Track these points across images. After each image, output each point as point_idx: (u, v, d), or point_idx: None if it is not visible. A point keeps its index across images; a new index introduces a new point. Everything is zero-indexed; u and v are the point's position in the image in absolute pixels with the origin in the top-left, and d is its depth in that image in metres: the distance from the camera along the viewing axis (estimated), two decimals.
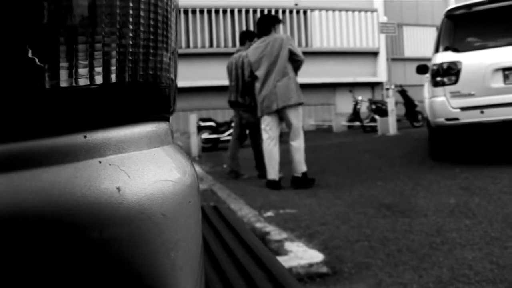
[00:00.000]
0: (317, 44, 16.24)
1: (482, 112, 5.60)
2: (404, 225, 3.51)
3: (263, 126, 5.60)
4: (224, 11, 15.34)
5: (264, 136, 5.61)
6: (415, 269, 2.63)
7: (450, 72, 5.75)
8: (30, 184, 0.44)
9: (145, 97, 0.55)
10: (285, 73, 5.41)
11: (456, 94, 5.72)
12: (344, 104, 16.38)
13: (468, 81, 5.67)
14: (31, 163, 0.45)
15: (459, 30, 5.94)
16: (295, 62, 5.54)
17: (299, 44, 16.03)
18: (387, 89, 13.60)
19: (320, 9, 16.08)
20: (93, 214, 0.46)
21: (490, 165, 5.70)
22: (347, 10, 16.32)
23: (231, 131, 11.24)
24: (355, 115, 14.23)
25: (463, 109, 5.68)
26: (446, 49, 5.93)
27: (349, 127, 14.46)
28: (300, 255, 2.81)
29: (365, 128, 13.20)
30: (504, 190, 4.32)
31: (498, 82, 5.62)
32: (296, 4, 15.94)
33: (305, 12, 16.12)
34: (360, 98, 14.02)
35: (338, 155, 8.31)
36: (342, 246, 3.11)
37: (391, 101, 11.42)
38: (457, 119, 5.72)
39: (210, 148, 11.17)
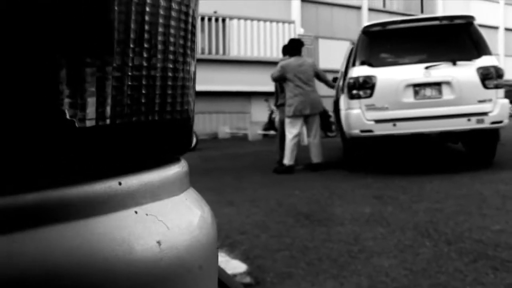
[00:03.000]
0: (234, 52, 16.33)
1: (394, 125, 5.87)
2: (322, 234, 3.57)
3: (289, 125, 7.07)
4: None
5: (293, 132, 7.02)
6: (335, 278, 2.67)
7: (366, 86, 5.99)
8: (59, 242, 0.37)
9: (177, 134, 0.51)
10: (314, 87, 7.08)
11: (371, 107, 5.96)
12: (259, 112, 16.58)
13: (382, 95, 5.93)
14: (59, 216, 0.38)
15: (375, 46, 6.21)
16: (321, 80, 7.28)
17: (217, 52, 16.06)
18: None
19: (239, 18, 16.21)
20: (134, 273, 0.40)
21: (400, 175, 5.97)
22: (265, 20, 16.57)
23: None
24: (270, 124, 14.44)
25: (377, 121, 5.93)
26: (362, 63, 6.17)
27: (264, 135, 14.65)
28: (223, 265, 2.77)
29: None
30: (414, 199, 4.54)
31: (409, 97, 5.92)
32: (215, 12, 15.96)
33: (223, 20, 16.17)
34: (274, 107, 14.24)
35: (254, 163, 8.37)
36: (264, 256, 3.10)
37: None
38: (371, 131, 5.95)
39: None
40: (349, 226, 3.74)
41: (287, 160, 6.98)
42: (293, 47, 7.23)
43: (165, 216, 0.45)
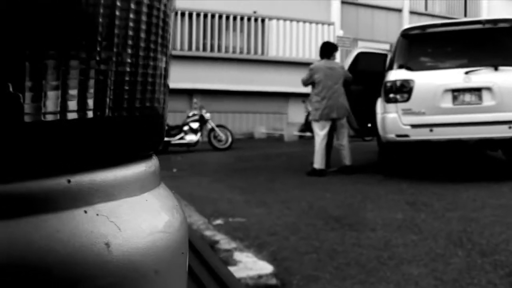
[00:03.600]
0: (273, 52, 16.31)
1: (431, 130, 5.76)
2: (352, 238, 3.54)
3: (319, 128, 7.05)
4: (183, 14, 15.22)
5: (320, 135, 7.00)
6: (363, 283, 2.64)
7: (403, 90, 5.89)
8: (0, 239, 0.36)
9: (140, 132, 0.49)
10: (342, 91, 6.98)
11: (407, 112, 5.86)
12: (296, 114, 16.51)
13: (419, 100, 5.82)
14: (2, 213, 0.37)
15: (413, 49, 6.11)
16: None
17: (255, 52, 16.09)
18: None
19: (278, 19, 16.18)
20: (78, 275, 0.38)
21: (435, 182, 5.85)
22: (304, 21, 16.49)
23: (182, 134, 11.13)
24: (307, 125, 14.35)
25: (414, 126, 5.82)
26: (400, 67, 6.07)
27: (300, 137, 14.58)
28: (250, 266, 2.77)
29: None
30: (448, 207, 4.44)
31: (447, 102, 5.80)
32: (254, 12, 15.98)
33: (263, 20, 16.17)
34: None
35: (288, 164, 8.35)
36: (291, 258, 3.09)
37: None
38: (407, 135, 5.86)
39: (160, 151, 11.01)
40: (380, 231, 3.69)
41: (317, 164, 6.91)
42: (325, 50, 7.18)
43: (118, 217, 0.43)
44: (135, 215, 0.45)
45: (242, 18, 15.86)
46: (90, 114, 0.42)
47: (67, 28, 0.39)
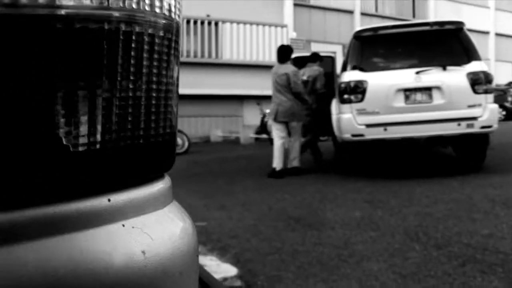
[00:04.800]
0: (227, 56, 16.33)
1: (385, 129, 5.91)
2: (313, 237, 3.59)
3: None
4: None
5: (277, 136, 7.23)
6: (325, 281, 2.69)
7: (357, 91, 6.02)
8: (57, 252, 0.42)
9: (162, 154, 0.56)
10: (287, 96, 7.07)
11: (362, 112, 5.99)
12: (251, 116, 16.58)
13: (373, 100, 5.96)
14: (56, 229, 0.43)
15: (366, 51, 6.25)
16: (293, 92, 7.01)
17: (209, 55, 16.07)
18: None
19: (232, 22, 16.21)
20: (122, 280, 0.45)
21: (390, 180, 6.01)
22: (258, 24, 16.59)
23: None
24: (262, 127, 14.44)
25: (368, 126, 5.96)
26: (353, 68, 6.20)
27: (256, 139, 14.65)
28: (214, 269, 2.78)
29: (272, 141, 13.41)
30: (404, 204, 4.57)
31: (400, 101, 5.96)
32: (208, 15, 15.96)
33: (216, 24, 16.17)
34: (267, 111, 14.24)
35: (246, 167, 8.38)
36: (254, 260, 3.12)
37: None
38: (362, 135, 5.99)
39: None
40: (340, 230, 3.76)
41: (275, 164, 7.03)
42: (278, 54, 7.29)
43: (150, 228, 0.50)
44: (161, 225, 0.52)
45: (195, 22, 15.82)
46: (125, 142, 0.49)
47: (94, 73, 0.46)
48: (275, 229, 3.90)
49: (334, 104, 6.56)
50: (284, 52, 7.21)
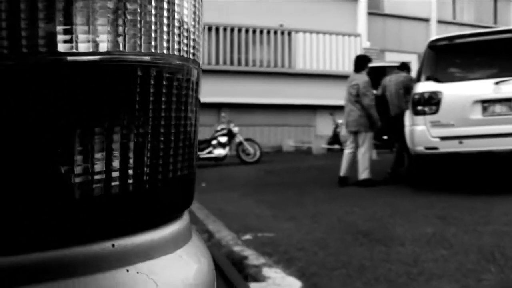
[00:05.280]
0: (300, 65, 16.37)
1: (460, 142, 5.69)
2: (381, 253, 3.51)
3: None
4: (209, 29, 15.41)
5: (347, 145, 7.49)
6: None
7: (431, 102, 5.85)
8: None
9: (174, 196, 0.54)
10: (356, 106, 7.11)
11: (436, 124, 5.81)
12: (324, 126, 16.49)
13: (448, 112, 5.76)
14: (58, 274, 0.43)
15: (441, 61, 6.06)
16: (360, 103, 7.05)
17: (282, 65, 16.16)
18: None
19: (305, 31, 16.25)
20: None
21: (466, 195, 5.77)
22: (331, 34, 16.52)
23: (210, 149, 11.22)
24: (335, 138, 14.32)
25: (443, 138, 5.77)
26: (427, 78, 6.03)
27: (329, 149, 14.54)
28: (278, 281, 2.79)
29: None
30: (479, 221, 4.37)
31: (476, 113, 5.73)
32: (281, 25, 16.09)
33: (289, 33, 16.27)
34: (340, 121, 14.11)
35: (317, 178, 8.34)
36: (320, 273, 3.09)
37: None
38: (436, 148, 5.80)
39: None
40: (410, 246, 3.66)
41: (341, 172, 7.26)
42: (355, 63, 7.34)
43: (156, 274, 0.48)
44: (170, 271, 0.50)
45: (268, 32, 15.98)
46: (130, 187, 0.48)
47: (110, 107, 0.46)
48: (343, 242, 3.85)
49: (408, 116, 6.40)
50: (359, 62, 7.25)
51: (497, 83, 5.71)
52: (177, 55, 0.52)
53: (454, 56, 6.16)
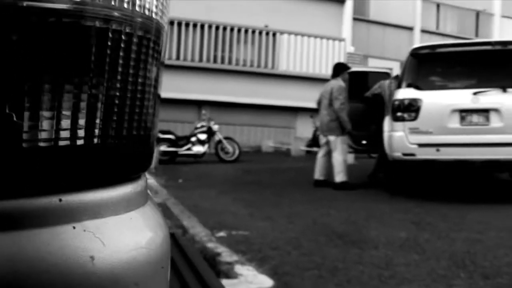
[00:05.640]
0: (283, 67, 16.39)
1: (438, 150, 5.75)
2: (354, 255, 3.53)
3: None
4: (194, 25, 15.34)
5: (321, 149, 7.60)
6: None
7: (411, 109, 5.90)
8: None
9: (127, 157, 0.53)
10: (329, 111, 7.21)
11: (414, 131, 5.86)
12: (304, 129, 16.53)
13: (427, 119, 5.82)
14: (1, 226, 0.42)
15: (422, 68, 6.12)
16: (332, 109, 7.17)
17: (266, 66, 16.16)
18: None
19: (289, 33, 16.27)
20: (64, 284, 0.43)
21: (441, 202, 5.84)
22: (315, 37, 16.57)
23: (189, 145, 11.17)
24: (314, 140, 14.35)
25: (420, 145, 5.82)
26: (408, 85, 6.08)
27: (307, 152, 14.58)
28: (250, 279, 2.78)
29: None
30: (453, 228, 4.42)
31: (454, 122, 5.80)
32: (266, 26, 16.09)
33: (274, 34, 16.27)
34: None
35: (295, 179, 8.36)
36: (292, 273, 3.09)
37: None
38: (414, 154, 5.85)
39: (167, 161, 11.03)
40: (383, 250, 3.68)
41: (315, 175, 7.41)
42: (333, 70, 7.57)
43: (103, 234, 0.47)
44: (120, 232, 0.49)
45: (253, 31, 15.97)
46: (80, 141, 0.46)
47: (61, 61, 0.44)
48: (317, 243, 3.86)
49: (387, 122, 6.45)
50: (336, 68, 7.48)
51: (475, 93, 5.79)
52: (141, 13, 0.51)
53: (435, 65, 6.22)
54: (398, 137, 5.96)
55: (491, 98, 5.75)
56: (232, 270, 3.01)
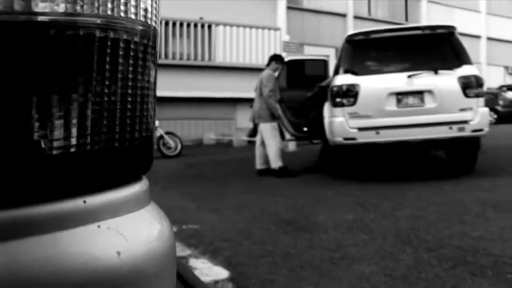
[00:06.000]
0: (220, 58, 16.32)
1: (377, 133, 5.93)
2: (305, 240, 3.60)
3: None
4: None
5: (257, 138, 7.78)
6: (317, 284, 2.70)
7: (349, 94, 6.04)
8: (31, 252, 0.43)
9: (137, 158, 0.58)
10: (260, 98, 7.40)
11: (354, 115, 6.01)
12: (244, 119, 16.55)
13: (365, 103, 5.99)
14: (32, 230, 0.44)
15: (358, 54, 6.28)
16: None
17: (202, 58, 16.06)
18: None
19: (225, 24, 16.21)
20: (97, 279, 0.46)
21: (383, 183, 6.03)
22: (251, 27, 16.60)
23: None
24: (255, 130, 14.41)
25: (360, 129, 5.98)
26: (345, 71, 6.23)
27: (249, 142, 14.64)
28: (205, 271, 2.78)
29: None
30: (396, 207, 4.59)
31: (391, 105, 5.99)
32: (201, 18, 15.96)
33: (209, 26, 16.17)
34: None
35: (238, 170, 8.39)
36: (246, 263, 3.12)
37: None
38: (354, 138, 6.01)
39: None
40: (332, 233, 3.77)
41: (257, 165, 7.57)
42: (268, 61, 7.76)
43: (125, 230, 0.51)
44: (136, 227, 0.53)
45: (188, 25, 15.81)
46: (99, 145, 0.50)
47: (68, 77, 0.47)
48: (267, 232, 3.91)
49: (327, 108, 6.58)
50: (269, 58, 7.74)
51: (409, 76, 6.01)
52: (134, 19, 0.54)
53: (370, 50, 6.39)
54: (338, 122, 6.10)
55: (424, 80, 5.98)
56: (187, 264, 3.00)
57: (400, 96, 6.00)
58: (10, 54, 0.42)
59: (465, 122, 5.89)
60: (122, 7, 0.51)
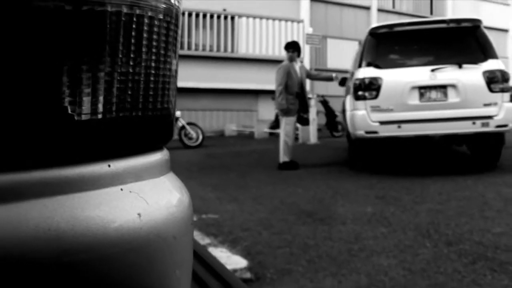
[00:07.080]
0: (242, 50, 16.35)
1: (399, 126, 5.90)
2: (323, 232, 3.61)
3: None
4: None
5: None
6: (334, 275, 2.72)
7: (371, 87, 6.01)
8: (58, 210, 0.47)
9: (159, 128, 0.61)
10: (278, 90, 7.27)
11: (376, 109, 5.98)
12: (266, 111, 16.59)
13: (387, 97, 5.95)
14: (61, 188, 0.48)
15: (381, 47, 6.23)
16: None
17: (225, 50, 16.09)
18: (309, 98, 13.91)
19: (248, 16, 16.22)
20: (118, 239, 0.49)
21: (404, 177, 6.00)
22: (274, 19, 16.57)
23: None
24: (277, 122, 14.41)
25: (382, 123, 5.95)
26: (368, 64, 6.19)
27: (271, 134, 14.65)
28: (224, 260, 2.82)
29: None
30: (417, 200, 4.57)
31: (414, 99, 5.95)
32: (224, 10, 15.99)
33: (232, 18, 16.20)
34: None
35: (259, 161, 8.42)
36: (265, 252, 3.15)
37: (313, 111, 11.72)
38: (376, 132, 5.98)
39: None
40: (351, 225, 3.78)
41: (280, 158, 7.39)
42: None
43: (146, 194, 0.54)
44: (157, 192, 0.56)
45: (211, 16, 15.84)
46: (124, 113, 0.54)
47: (95, 48, 0.51)
48: (287, 222, 3.93)
49: (348, 101, 6.55)
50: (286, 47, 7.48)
51: (433, 70, 5.95)
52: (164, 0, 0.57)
53: (393, 44, 6.34)
54: (360, 115, 6.07)
55: (448, 74, 5.92)
56: None
57: (423, 90, 5.95)
58: (47, 27, 0.46)
59: (489, 117, 5.81)
60: None
